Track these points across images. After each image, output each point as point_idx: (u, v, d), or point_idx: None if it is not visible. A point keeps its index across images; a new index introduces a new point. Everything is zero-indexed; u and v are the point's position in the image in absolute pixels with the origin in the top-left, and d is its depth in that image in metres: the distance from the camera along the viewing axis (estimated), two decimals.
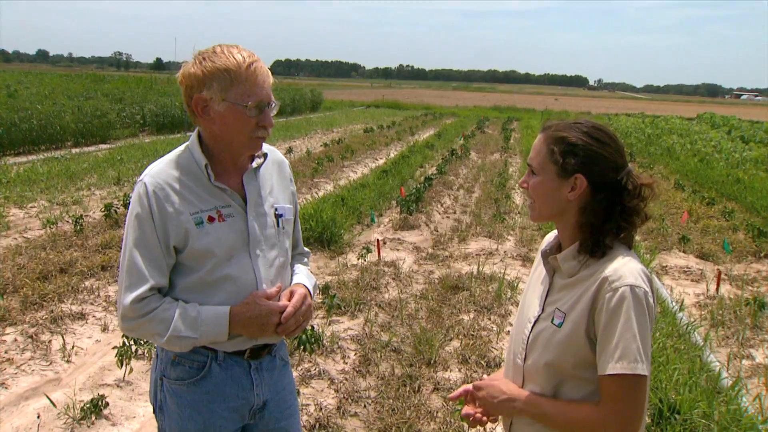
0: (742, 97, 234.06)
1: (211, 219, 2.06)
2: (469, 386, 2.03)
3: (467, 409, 2.00)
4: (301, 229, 2.50)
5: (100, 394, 4.17)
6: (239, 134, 2.04)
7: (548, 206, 1.83)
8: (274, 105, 2.08)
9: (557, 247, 1.92)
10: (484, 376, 2.36)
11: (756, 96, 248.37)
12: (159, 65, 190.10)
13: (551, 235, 2.00)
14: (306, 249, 2.53)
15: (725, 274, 7.65)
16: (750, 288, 7.34)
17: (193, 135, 2.13)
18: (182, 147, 2.14)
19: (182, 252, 2.05)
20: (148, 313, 1.98)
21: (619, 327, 1.64)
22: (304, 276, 2.34)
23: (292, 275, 2.34)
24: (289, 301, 2.14)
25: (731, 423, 4.04)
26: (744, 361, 5.42)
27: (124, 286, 2.00)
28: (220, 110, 1.99)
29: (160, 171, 2.07)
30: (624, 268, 1.70)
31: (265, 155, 2.23)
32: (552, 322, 1.80)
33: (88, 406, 4.03)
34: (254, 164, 2.19)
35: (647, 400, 1.73)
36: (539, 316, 1.87)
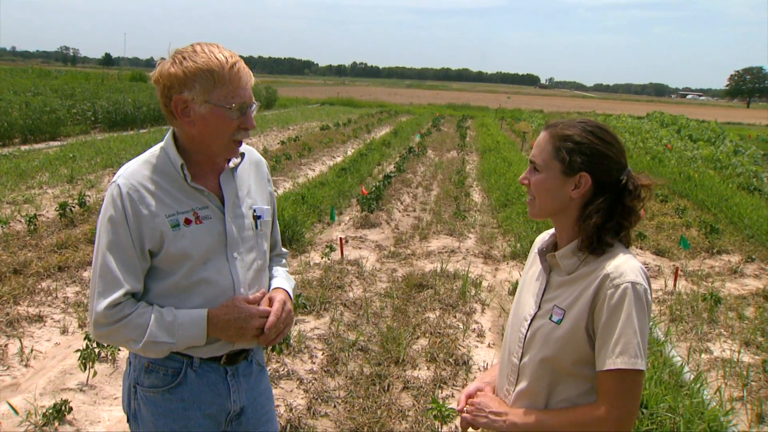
0: (688, 96, 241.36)
1: (187, 221, 2.00)
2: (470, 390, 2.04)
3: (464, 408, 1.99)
4: (279, 230, 2.45)
5: (63, 399, 4.04)
6: (220, 136, 1.98)
7: (550, 203, 1.84)
8: (255, 106, 2.03)
9: (553, 245, 1.92)
10: (477, 378, 2.36)
11: (700, 96, 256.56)
12: (108, 61, 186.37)
13: (545, 235, 2.01)
14: (284, 250, 2.48)
15: (681, 270, 7.82)
16: (705, 283, 7.52)
17: (168, 135, 2.06)
18: (156, 147, 2.07)
19: (157, 255, 1.98)
20: (122, 319, 1.91)
21: (620, 323, 1.66)
22: (283, 279, 2.29)
23: (270, 278, 2.29)
24: (269, 306, 2.09)
25: (695, 416, 4.13)
26: (703, 355, 5.54)
27: (96, 292, 1.93)
28: (202, 112, 1.93)
29: (134, 172, 1.99)
30: (625, 266, 1.72)
31: (242, 155, 2.16)
32: (550, 319, 1.81)
33: (50, 411, 3.90)
34: (231, 164, 2.13)
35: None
36: (536, 313, 1.87)
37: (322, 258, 7.35)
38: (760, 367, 5.27)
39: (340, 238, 7.82)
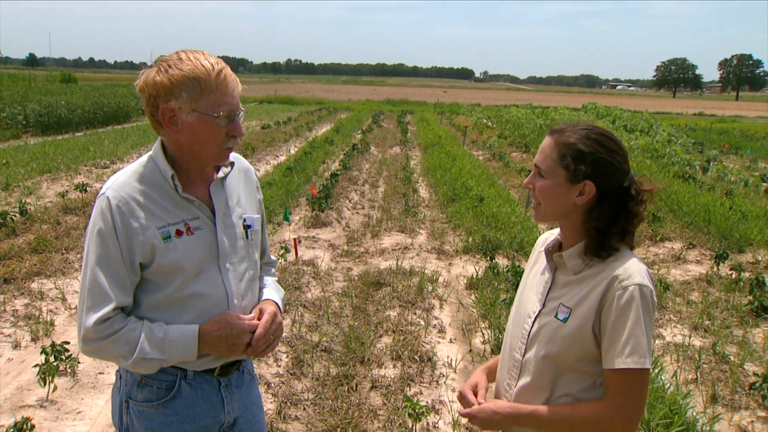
0: (618, 87, 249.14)
1: (179, 233, 1.96)
2: (465, 387, 2.06)
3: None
4: (267, 238, 2.42)
5: (24, 416, 3.90)
6: (209, 145, 1.95)
7: (555, 209, 1.88)
8: (242, 113, 2.01)
9: (559, 245, 1.96)
10: (473, 373, 2.38)
11: (629, 86, 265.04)
12: (33, 61, 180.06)
13: (549, 235, 2.05)
14: (273, 258, 2.45)
15: None
16: (651, 271, 7.74)
17: (156, 145, 2.02)
18: (144, 158, 2.04)
19: (149, 268, 1.94)
20: (112, 335, 1.88)
21: (629, 323, 1.71)
22: (272, 290, 2.27)
23: (260, 288, 2.26)
24: (259, 319, 2.07)
25: (656, 401, 4.27)
26: (657, 341, 5.72)
27: (85, 307, 1.89)
28: (190, 121, 1.90)
29: (123, 184, 1.95)
30: (633, 268, 1.77)
31: (231, 164, 2.14)
32: (556, 316, 1.85)
33: (11, 430, 3.77)
34: (221, 173, 2.10)
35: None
36: (540, 311, 1.91)
37: (278, 259, 7.29)
38: (709, 350, 5.48)
39: (294, 239, 7.77)
